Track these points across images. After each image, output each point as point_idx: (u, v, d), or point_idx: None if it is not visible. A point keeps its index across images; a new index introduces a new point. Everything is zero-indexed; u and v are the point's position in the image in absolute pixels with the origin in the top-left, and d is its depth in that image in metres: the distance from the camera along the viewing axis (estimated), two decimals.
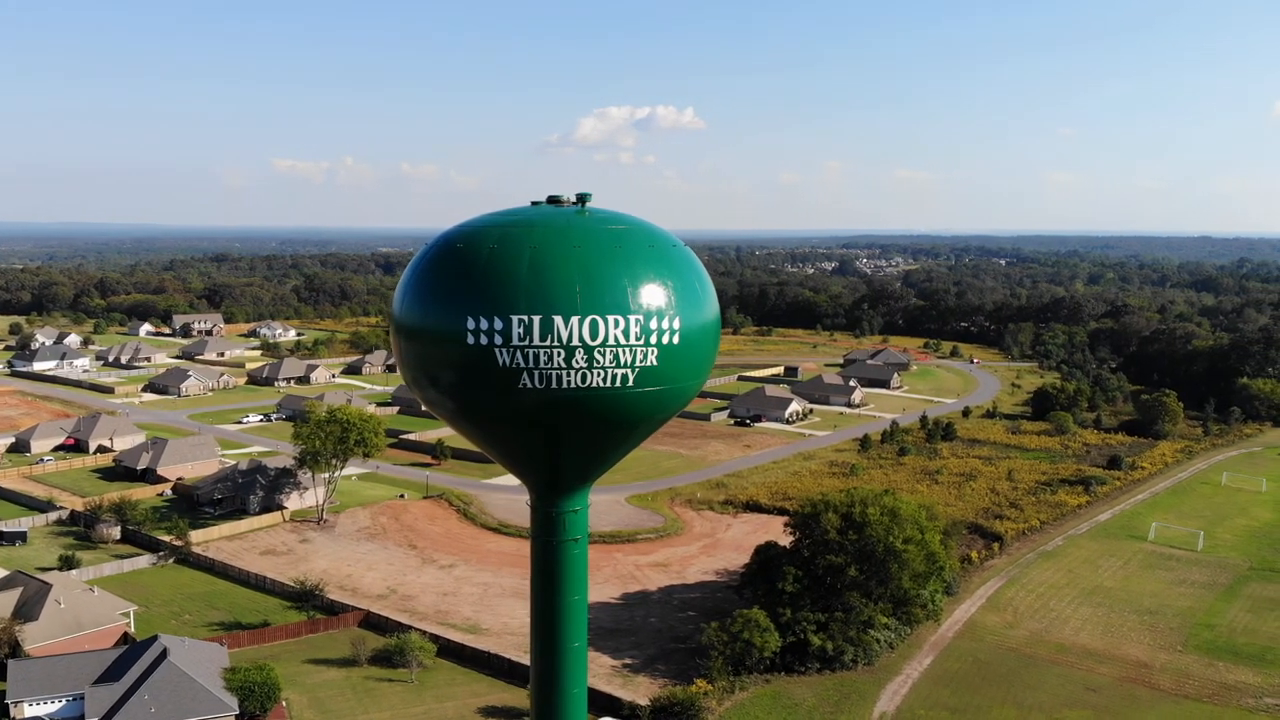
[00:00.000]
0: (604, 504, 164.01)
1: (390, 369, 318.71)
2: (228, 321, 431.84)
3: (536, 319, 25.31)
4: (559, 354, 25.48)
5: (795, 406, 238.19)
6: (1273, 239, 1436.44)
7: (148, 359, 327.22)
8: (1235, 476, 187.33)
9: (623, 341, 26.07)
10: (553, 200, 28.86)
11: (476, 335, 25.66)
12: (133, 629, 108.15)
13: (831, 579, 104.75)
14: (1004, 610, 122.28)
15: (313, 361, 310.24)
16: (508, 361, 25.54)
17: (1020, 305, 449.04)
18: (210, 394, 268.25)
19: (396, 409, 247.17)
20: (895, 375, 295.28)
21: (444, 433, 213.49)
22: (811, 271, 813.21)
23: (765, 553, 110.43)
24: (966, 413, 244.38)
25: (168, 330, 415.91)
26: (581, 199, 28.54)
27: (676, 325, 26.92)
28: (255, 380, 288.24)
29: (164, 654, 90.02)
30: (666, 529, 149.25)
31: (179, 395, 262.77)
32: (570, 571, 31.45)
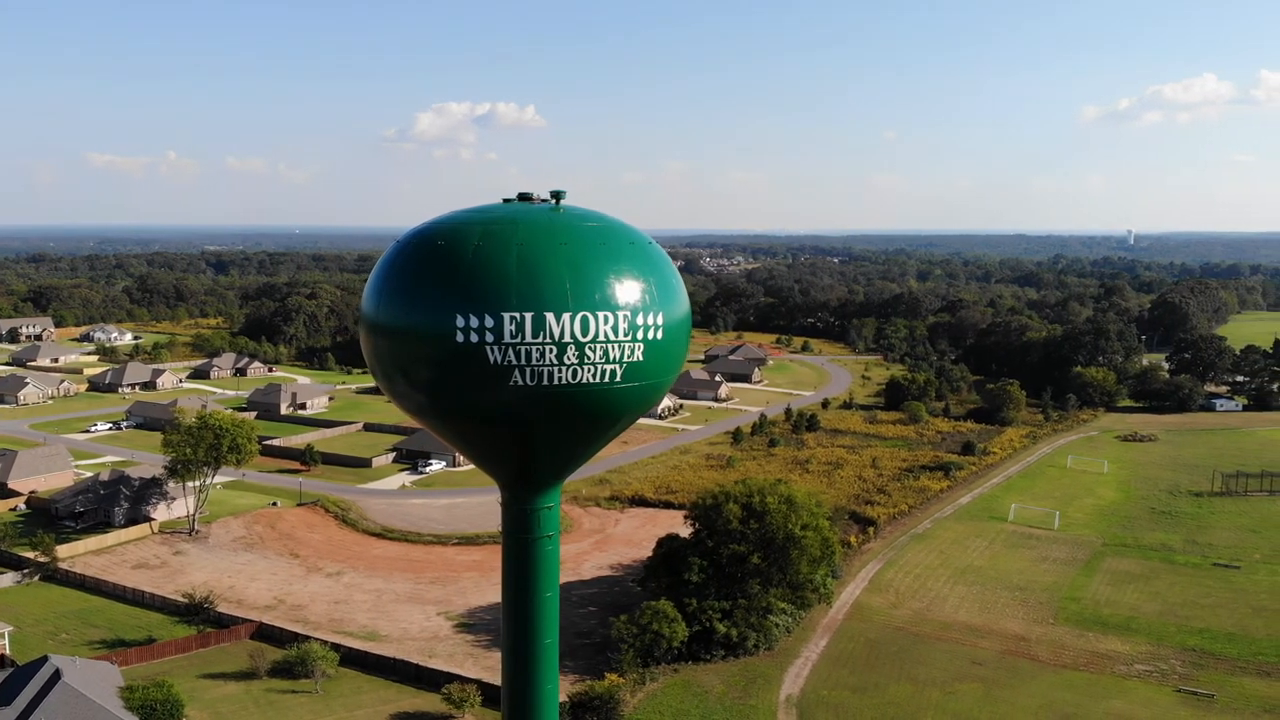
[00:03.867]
0: (490, 504, 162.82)
1: (240, 372, 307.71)
2: (57, 325, 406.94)
3: (529, 316, 25.44)
4: (551, 351, 25.70)
5: (666, 402, 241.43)
6: (1083, 236, 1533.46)
7: None
8: (1079, 459, 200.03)
9: (612, 337, 26.52)
10: (523, 197, 29.19)
11: (466, 333, 25.63)
12: (8, 650, 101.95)
13: (734, 568, 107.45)
14: (886, 591, 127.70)
15: (158, 366, 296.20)
16: (499, 359, 25.62)
17: (861, 301, 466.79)
18: (51, 402, 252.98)
19: (254, 414, 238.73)
20: (755, 370, 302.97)
21: (312, 437, 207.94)
22: None
23: (668, 545, 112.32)
24: (825, 404, 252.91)
25: None
26: (557, 196, 28.95)
27: (660, 320, 27.52)
28: (97, 387, 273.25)
29: (57, 675, 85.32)
30: None
31: (17, 404, 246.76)
32: (543, 568, 31.73)
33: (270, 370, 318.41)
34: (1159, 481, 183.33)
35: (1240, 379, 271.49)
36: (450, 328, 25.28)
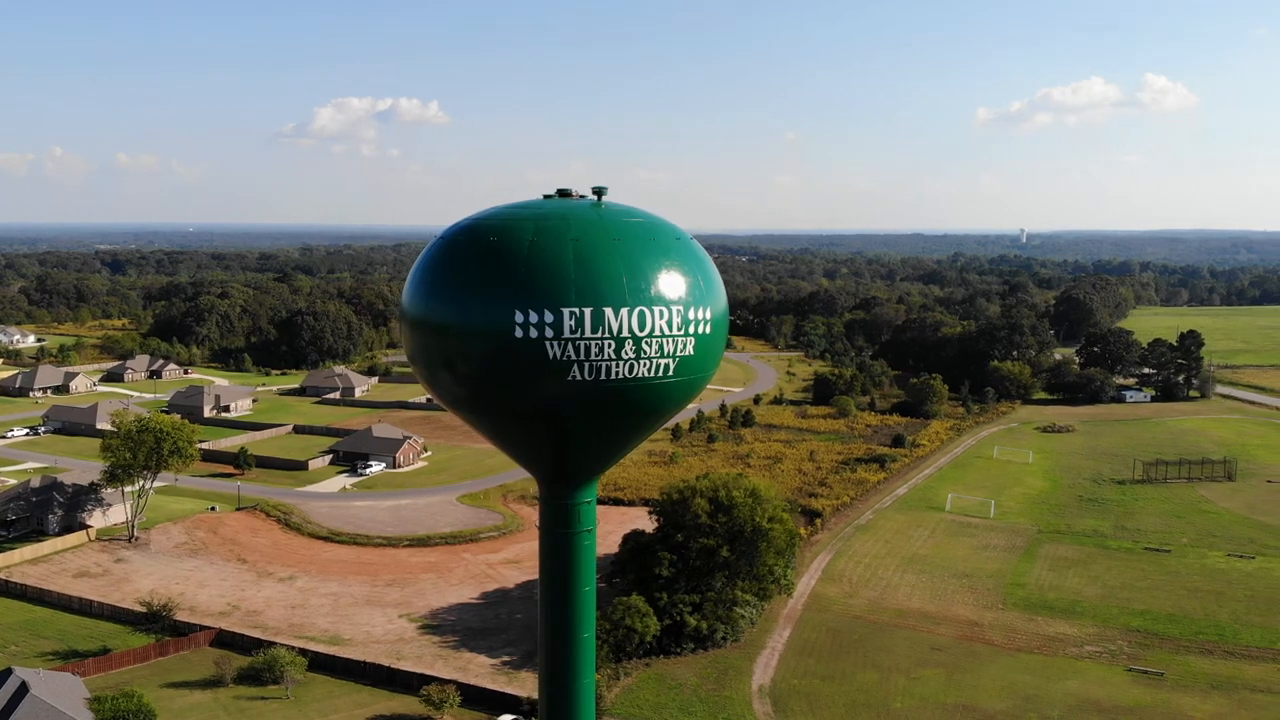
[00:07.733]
0: (437, 505, 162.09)
1: (155, 374, 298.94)
2: None
3: (588, 311, 25.65)
4: (609, 345, 25.91)
5: None
6: (977, 235, 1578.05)
7: None
8: (1004, 450, 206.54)
9: (666, 332, 26.99)
10: (563, 193, 29.73)
11: (526, 329, 25.73)
12: None
13: (703, 561, 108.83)
14: (840, 581, 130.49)
15: (70, 369, 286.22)
16: (559, 354, 25.95)
17: (778, 299, 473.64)
18: None
19: (177, 417, 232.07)
20: None
21: (242, 440, 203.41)
22: None
23: (635, 540, 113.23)
24: (757, 400, 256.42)
25: None
26: (598, 192, 29.59)
27: (708, 315, 28.09)
28: (8, 391, 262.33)
29: (24, 687, 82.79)
30: (507, 526, 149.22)
31: None
32: (582, 562, 31.89)
33: (186, 372, 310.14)
34: (1082, 470, 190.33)
35: (1148, 371, 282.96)
36: (509, 323, 25.30)
